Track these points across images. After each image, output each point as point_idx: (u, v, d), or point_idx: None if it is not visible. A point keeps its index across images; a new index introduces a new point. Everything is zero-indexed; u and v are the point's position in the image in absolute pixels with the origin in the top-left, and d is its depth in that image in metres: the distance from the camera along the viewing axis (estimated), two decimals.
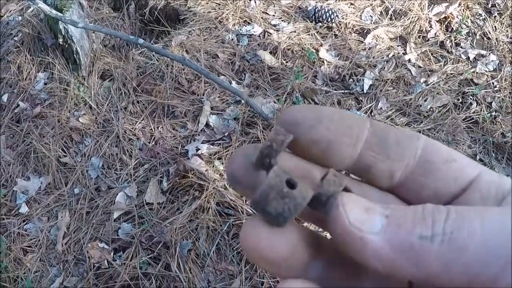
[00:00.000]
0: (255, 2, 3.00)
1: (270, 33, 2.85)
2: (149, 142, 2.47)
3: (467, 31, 2.91)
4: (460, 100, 2.62)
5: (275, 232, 0.29)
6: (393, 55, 2.76)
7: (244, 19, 2.94)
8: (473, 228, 0.26)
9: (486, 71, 2.74)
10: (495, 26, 2.92)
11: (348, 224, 0.27)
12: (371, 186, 0.34)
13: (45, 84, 2.69)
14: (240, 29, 2.88)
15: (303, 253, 0.31)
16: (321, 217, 0.30)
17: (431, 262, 0.26)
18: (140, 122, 2.52)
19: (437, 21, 2.93)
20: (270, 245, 0.29)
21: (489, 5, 3.04)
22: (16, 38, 2.90)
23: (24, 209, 2.39)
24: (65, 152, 2.49)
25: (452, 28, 2.91)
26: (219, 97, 2.57)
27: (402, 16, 2.95)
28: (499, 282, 0.25)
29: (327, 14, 2.87)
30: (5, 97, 2.67)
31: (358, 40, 2.85)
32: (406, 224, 0.27)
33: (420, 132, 2.41)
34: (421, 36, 2.88)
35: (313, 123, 0.31)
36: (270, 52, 2.75)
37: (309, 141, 0.31)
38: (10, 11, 3.10)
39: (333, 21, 2.89)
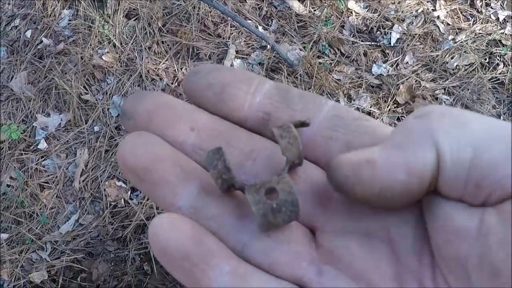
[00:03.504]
0: None
1: None
2: (172, 83, 2.27)
3: None
4: (487, 60, 2.41)
5: (141, 142, 0.27)
6: (422, 11, 2.53)
7: None
8: (473, 114, 0.24)
9: None
10: None
11: (349, 159, 0.24)
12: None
13: (70, 21, 2.49)
14: None
15: (169, 168, 0.27)
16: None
17: (437, 134, 0.23)
18: (163, 63, 2.32)
19: None
20: (132, 151, 0.26)
21: None
22: None
23: (42, 145, 2.22)
24: (86, 90, 2.30)
25: None
26: (244, 41, 2.37)
27: None
28: (498, 167, 0.22)
29: None
30: (28, 33, 2.46)
31: None
32: (397, 127, 0.25)
33: (445, 89, 2.28)
34: None
35: (210, 70, 0.29)
36: (298, 0, 2.51)
37: (205, 85, 0.29)
38: None
39: None
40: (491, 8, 2.59)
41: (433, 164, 0.23)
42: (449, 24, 2.51)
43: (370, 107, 2.20)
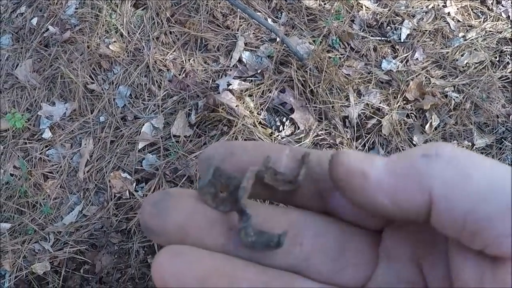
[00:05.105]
0: None
1: None
2: (179, 74, 2.22)
3: None
4: (497, 58, 2.35)
5: (182, 262, 0.25)
6: (432, 7, 2.48)
7: None
8: (482, 162, 0.23)
9: None
10: None
11: (348, 162, 0.25)
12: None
13: (76, 9, 2.43)
14: None
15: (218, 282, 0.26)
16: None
17: (434, 182, 0.23)
18: (171, 53, 2.27)
19: None
20: (174, 274, 0.25)
21: None
22: None
23: (47, 134, 2.16)
24: (92, 79, 2.24)
25: None
26: (253, 33, 2.32)
27: None
28: (494, 223, 0.22)
29: None
30: (34, 21, 2.40)
31: None
32: (408, 152, 0.25)
33: (454, 86, 2.22)
34: None
35: (224, 156, 0.28)
36: None
37: None
38: None
39: None
40: (502, 6, 2.53)
41: (421, 207, 0.24)
42: (459, 21, 2.45)
43: (380, 103, 2.15)
